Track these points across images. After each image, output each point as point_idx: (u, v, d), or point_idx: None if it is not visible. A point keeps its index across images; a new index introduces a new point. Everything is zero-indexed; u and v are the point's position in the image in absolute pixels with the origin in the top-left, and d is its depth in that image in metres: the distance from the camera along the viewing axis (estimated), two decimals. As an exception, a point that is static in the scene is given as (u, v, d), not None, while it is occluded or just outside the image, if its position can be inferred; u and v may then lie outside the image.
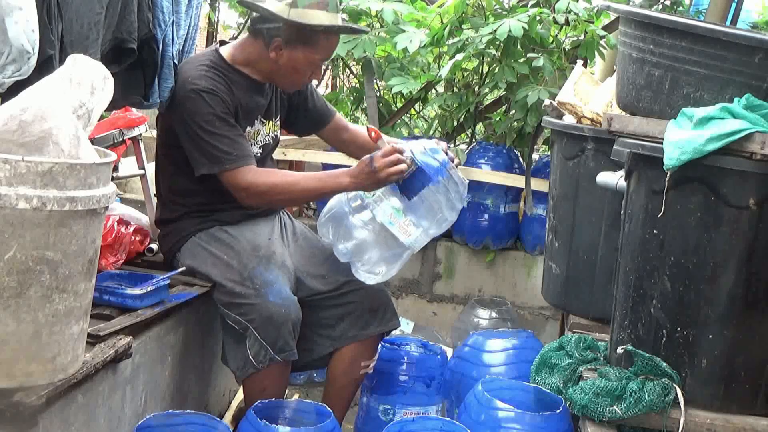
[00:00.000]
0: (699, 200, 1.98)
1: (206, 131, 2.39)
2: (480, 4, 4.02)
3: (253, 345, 2.36)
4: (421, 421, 2.25)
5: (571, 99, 2.76)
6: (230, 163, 2.39)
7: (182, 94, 2.43)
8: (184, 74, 2.46)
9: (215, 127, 2.38)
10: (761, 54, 1.92)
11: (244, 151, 2.42)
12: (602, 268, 2.66)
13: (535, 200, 3.79)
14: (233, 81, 2.49)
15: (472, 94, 4.22)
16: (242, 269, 2.43)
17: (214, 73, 2.45)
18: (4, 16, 1.67)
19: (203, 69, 2.45)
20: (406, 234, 2.41)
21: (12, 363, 1.55)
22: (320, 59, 2.51)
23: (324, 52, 2.50)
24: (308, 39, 2.43)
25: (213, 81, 2.42)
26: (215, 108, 2.39)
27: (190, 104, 2.40)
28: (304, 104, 2.77)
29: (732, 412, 2.03)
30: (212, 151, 2.39)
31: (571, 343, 2.32)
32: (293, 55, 2.45)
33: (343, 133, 2.86)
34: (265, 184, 2.42)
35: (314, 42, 2.44)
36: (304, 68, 2.50)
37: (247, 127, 2.56)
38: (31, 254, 1.51)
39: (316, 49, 2.46)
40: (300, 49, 2.44)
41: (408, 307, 4.10)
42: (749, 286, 1.99)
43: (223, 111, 2.41)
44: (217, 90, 2.41)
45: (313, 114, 2.80)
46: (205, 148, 2.40)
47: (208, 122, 2.39)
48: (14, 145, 1.54)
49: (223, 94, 2.42)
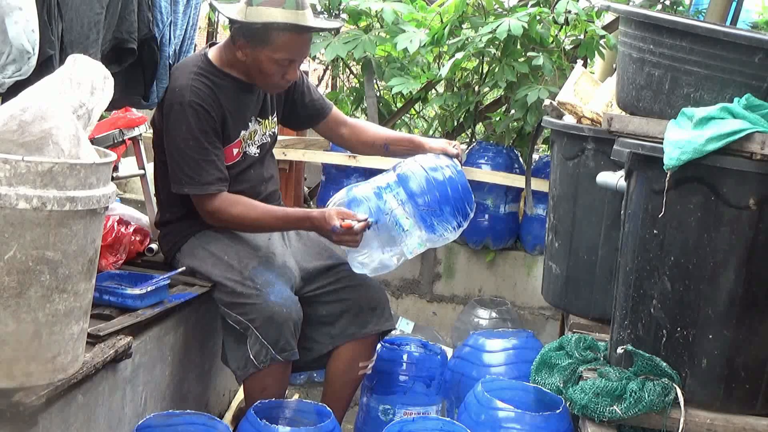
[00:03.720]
0: (699, 200, 1.98)
1: (178, 149, 2.41)
2: (480, 4, 4.02)
3: (254, 344, 2.36)
4: (421, 421, 2.25)
5: (571, 99, 2.76)
6: (189, 187, 2.42)
7: (168, 103, 2.44)
8: (173, 81, 2.47)
9: (189, 146, 2.40)
10: (761, 54, 1.92)
11: (208, 177, 2.41)
12: (602, 268, 2.65)
13: (535, 200, 3.79)
14: (220, 86, 2.48)
15: (472, 94, 4.22)
16: (243, 269, 2.43)
17: (201, 82, 2.44)
18: (4, 16, 1.67)
19: (191, 77, 2.44)
20: (411, 256, 2.47)
21: (12, 363, 1.55)
22: (283, 58, 2.41)
23: (285, 51, 2.40)
24: (264, 38, 2.39)
25: (199, 92, 2.41)
26: (194, 124, 2.39)
27: (173, 116, 2.41)
28: (301, 99, 2.77)
29: (732, 412, 2.03)
30: (178, 171, 2.43)
31: (571, 343, 2.32)
32: (255, 55, 2.43)
33: (342, 127, 2.85)
34: (229, 213, 2.44)
35: (271, 40, 2.39)
36: (269, 68, 2.44)
37: (241, 131, 2.55)
38: (31, 254, 1.51)
39: (274, 48, 2.40)
40: (259, 48, 2.41)
41: (408, 307, 4.10)
42: (749, 286, 1.99)
43: (201, 129, 2.40)
44: (202, 102, 2.40)
45: (310, 108, 2.79)
46: (173, 166, 2.44)
47: (183, 140, 2.40)
48: (14, 145, 1.54)
49: (207, 106, 2.41)
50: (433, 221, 2.42)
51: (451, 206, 2.43)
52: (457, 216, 2.44)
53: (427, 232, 2.43)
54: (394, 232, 2.41)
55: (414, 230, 2.41)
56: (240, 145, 2.56)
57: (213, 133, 2.43)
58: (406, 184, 2.42)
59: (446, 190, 2.43)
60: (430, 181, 2.42)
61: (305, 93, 2.77)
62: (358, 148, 2.95)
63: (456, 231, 2.47)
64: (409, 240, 2.42)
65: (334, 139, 2.96)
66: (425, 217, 2.41)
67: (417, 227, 2.41)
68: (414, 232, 2.41)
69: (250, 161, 2.61)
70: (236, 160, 2.56)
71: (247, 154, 2.59)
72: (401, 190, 2.42)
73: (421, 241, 2.43)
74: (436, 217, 2.42)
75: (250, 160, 2.61)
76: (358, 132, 2.86)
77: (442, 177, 2.44)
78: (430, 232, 2.43)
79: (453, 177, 2.45)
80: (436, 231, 2.44)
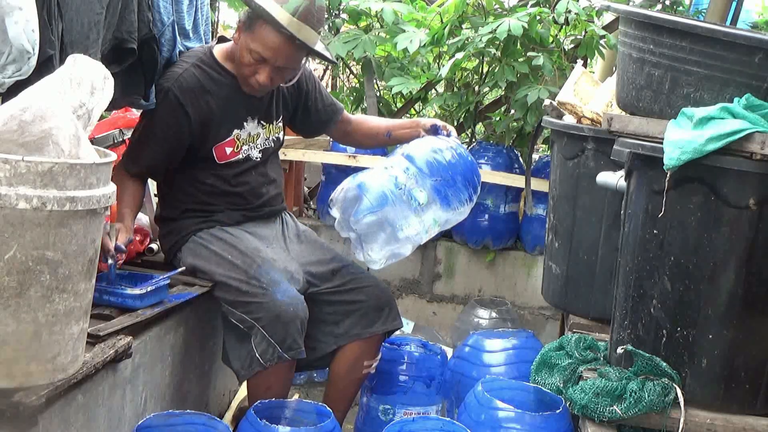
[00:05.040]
0: (699, 200, 1.98)
1: (144, 129, 2.51)
2: (480, 4, 4.02)
3: (260, 343, 2.36)
4: (421, 421, 2.25)
5: (571, 99, 2.76)
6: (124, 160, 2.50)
7: (158, 85, 2.47)
8: (171, 67, 2.50)
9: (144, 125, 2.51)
10: (761, 54, 1.92)
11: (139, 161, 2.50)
12: (602, 268, 2.65)
13: (535, 200, 3.79)
14: (216, 81, 2.50)
15: (472, 94, 4.22)
16: (248, 268, 2.43)
17: (192, 73, 2.46)
18: (4, 16, 1.67)
19: (185, 66, 2.48)
20: (427, 237, 2.46)
21: (12, 363, 1.55)
22: (256, 51, 2.39)
23: (260, 44, 2.38)
24: (251, 24, 2.40)
25: (183, 82, 2.45)
26: (162, 111, 2.45)
27: (157, 98, 2.47)
28: (314, 105, 2.76)
29: (732, 412, 2.03)
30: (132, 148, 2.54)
31: (571, 343, 2.32)
32: (241, 41, 2.43)
33: (348, 126, 2.87)
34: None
35: (253, 28, 2.39)
36: (243, 56, 2.42)
37: (234, 130, 2.55)
38: (31, 254, 1.51)
39: (253, 37, 2.39)
40: (245, 34, 2.42)
41: (408, 307, 4.10)
42: (749, 286, 1.99)
43: (168, 119, 2.45)
44: (180, 94, 2.44)
45: (323, 114, 2.80)
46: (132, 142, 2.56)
47: (148, 118, 2.50)
48: (14, 145, 1.54)
49: (183, 100, 2.44)
50: (448, 192, 2.41)
51: (462, 176, 2.43)
52: (468, 187, 2.45)
53: (442, 205, 2.42)
54: (409, 209, 2.37)
55: (431, 205, 2.40)
56: (234, 144, 2.55)
57: (178, 126, 2.46)
58: (414, 160, 2.43)
59: (454, 161, 2.44)
60: (436, 153, 2.44)
61: (318, 99, 2.77)
62: (362, 142, 2.96)
63: (468, 204, 2.47)
64: (426, 216, 2.40)
65: (342, 138, 2.98)
66: (440, 189, 2.41)
67: (433, 201, 2.40)
68: (431, 206, 2.40)
69: (251, 164, 2.61)
70: (231, 160, 2.56)
71: (249, 158, 2.59)
72: (411, 165, 2.42)
73: (437, 218, 2.42)
74: (450, 187, 2.41)
75: (252, 163, 2.61)
76: (361, 125, 2.88)
77: (447, 149, 2.46)
78: (445, 205, 2.42)
79: (456, 149, 2.48)
80: (450, 204, 2.43)
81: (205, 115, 2.47)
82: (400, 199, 2.36)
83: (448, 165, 2.43)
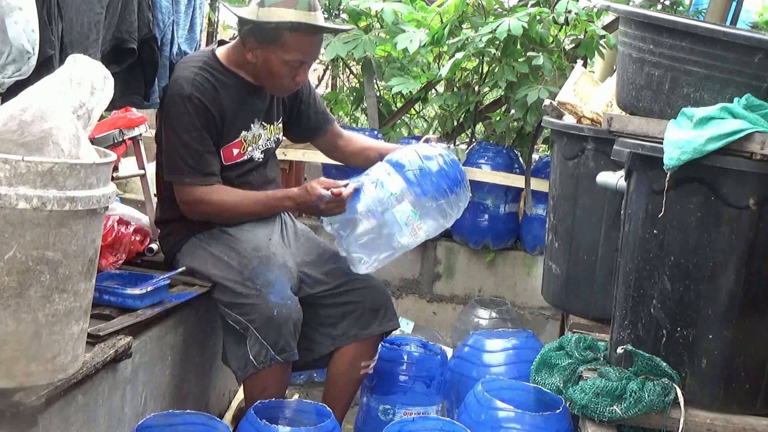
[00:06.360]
0: (699, 200, 1.98)
1: (180, 139, 2.41)
2: (480, 4, 4.03)
3: (254, 345, 2.36)
4: (421, 421, 2.25)
5: (571, 99, 2.76)
6: (191, 176, 2.42)
7: (169, 95, 2.45)
8: (176, 73, 2.47)
9: (191, 137, 2.41)
10: (761, 54, 1.92)
11: (210, 168, 2.44)
12: (602, 268, 2.65)
13: (535, 200, 3.79)
14: (224, 84, 2.48)
15: (472, 94, 4.22)
16: (243, 269, 2.43)
17: (203, 76, 2.44)
18: (4, 16, 1.67)
19: (194, 70, 2.45)
20: (414, 236, 2.43)
21: (12, 363, 1.55)
22: (294, 59, 2.42)
23: (296, 52, 2.41)
24: (276, 38, 2.39)
25: (199, 86, 2.42)
26: (194, 117, 2.40)
27: (174, 108, 2.42)
28: (307, 110, 2.76)
29: (732, 412, 2.03)
30: (179, 161, 2.42)
31: (571, 343, 2.32)
32: (266, 56, 2.43)
33: (338, 139, 2.86)
34: (210, 201, 2.44)
35: (282, 41, 2.39)
36: (279, 69, 2.44)
37: (242, 132, 2.55)
38: (31, 254, 1.51)
39: (286, 49, 2.40)
40: (270, 49, 2.41)
41: (408, 307, 4.10)
42: (749, 286, 1.99)
43: (202, 122, 2.41)
44: (202, 97, 2.41)
45: (314, 121, 2.79)
46: (172, 155, 2.44)
47: (185, 131, 2.41)
48: (14, 145, 1.54)
49: (207, 102, 2.42)
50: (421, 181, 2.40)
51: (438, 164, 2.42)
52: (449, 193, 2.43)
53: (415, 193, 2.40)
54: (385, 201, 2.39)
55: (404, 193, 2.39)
56: (240, 145, 2.55)
57: (210, 128, 2.44)
58: (399, 169, 2.43)
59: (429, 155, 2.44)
60: (422, 161, 2.43)
61: (311, 105, 2.77)
62: (349, 159, 2.89)
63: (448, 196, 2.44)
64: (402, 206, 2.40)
65: (328, 152, 2.93)
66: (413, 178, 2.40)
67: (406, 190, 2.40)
68: (404, 197, 2.39)
69: (253, 165, 2.61)
70: (237, 161, 2.55)
71: (252, 158, 2.59)
72: (386, 164, 2.45)
73: (414, 209, 2.40)
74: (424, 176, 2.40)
75: (254, 164, 2.61)
76: (353, 141, 2.86)
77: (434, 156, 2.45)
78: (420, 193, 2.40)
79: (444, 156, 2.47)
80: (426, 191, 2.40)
81: (221, 115, 2.48)
82: (377, 196, 2.39)
83: (422, 156, 2.43)
